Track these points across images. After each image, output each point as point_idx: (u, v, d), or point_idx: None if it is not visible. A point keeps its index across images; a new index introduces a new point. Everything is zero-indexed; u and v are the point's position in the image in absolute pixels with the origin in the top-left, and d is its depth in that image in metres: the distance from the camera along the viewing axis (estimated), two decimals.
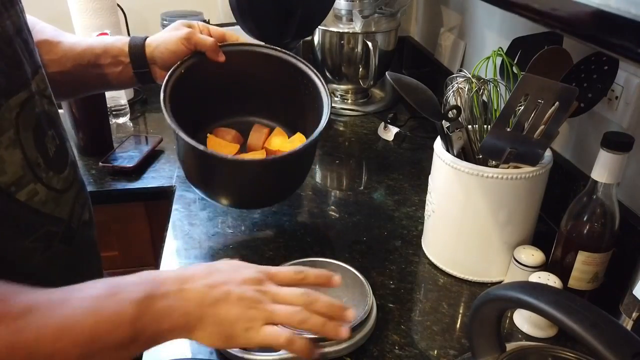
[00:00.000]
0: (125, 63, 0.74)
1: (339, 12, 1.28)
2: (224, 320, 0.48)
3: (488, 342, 0.49)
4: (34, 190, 0.54)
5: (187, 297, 0.48)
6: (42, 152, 0.56)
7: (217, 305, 0.48)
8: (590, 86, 0.68)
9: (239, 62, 0.82)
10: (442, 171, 0.74)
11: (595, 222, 0.65)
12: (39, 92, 0.57)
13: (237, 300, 0.48)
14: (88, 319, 0.42)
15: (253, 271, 0.52)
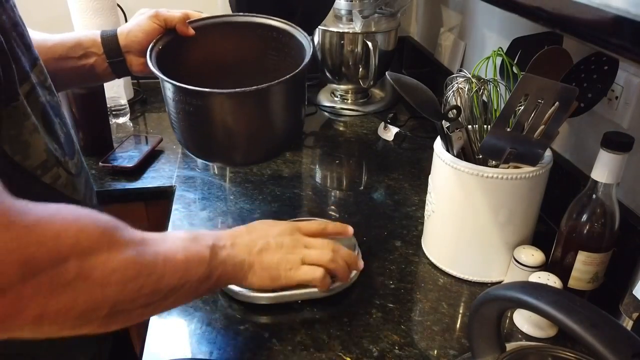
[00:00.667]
0: (99, 54, 0.74)
1: (339, 12, 1.28)
2: (269, 264, 0.61)
3: (488, 342, 0.49)
4: (57, 173, 0.56)
5: (238, 249, 0.60)
6: (55, 138, 0.57)
7: (261, 254, 0.62)
8: (590, 86, 0.68)
9: (213, 37, 0.82)
10: (442, 171, 0.74)
11: (595, 222, 0.65)
12: (39, 83, 0.58)
13: (277, 247, 0.63)
14: (183, 253, 0.51)
15: (285, 225, 0.67)
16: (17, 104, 0.51)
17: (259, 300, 0.71)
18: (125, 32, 0.76)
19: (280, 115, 0.76)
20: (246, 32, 0.82)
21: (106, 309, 0.42)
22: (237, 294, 0.71)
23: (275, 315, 0.70)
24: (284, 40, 0.82)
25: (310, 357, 0.64)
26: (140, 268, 0.46)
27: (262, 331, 0.68)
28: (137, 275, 0.45)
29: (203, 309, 0.71)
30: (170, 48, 0.78)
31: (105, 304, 0.42)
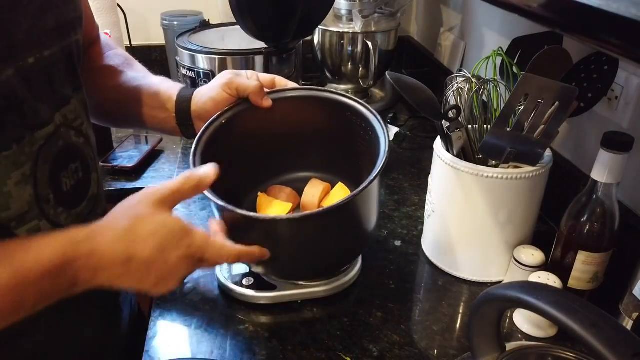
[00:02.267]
0: (171, 112, 0.71)
1: (339, 12, 1.28)
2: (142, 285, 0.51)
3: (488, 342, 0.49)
4: (36, 226, 0.53)
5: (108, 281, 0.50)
6: (55, 187, 0.54)
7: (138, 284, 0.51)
8: (590, 86, 0.68)
9: (290, 109, 0.72)
10: (442, 171, 0.74)
11: (595, 222, 0.65)
12: (65, 123, 0.55)
13: (158, 279, 0.51)
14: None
15: (182, 256, 0.52)
16: (9, 153, 0.48)
17: (259, 300, 0.71)
18: (198, 97, 0.70)
19: (339, 236, 0.65)
20: (331, 110, 0.72)
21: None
22: (237, 294, 0.71)
23: (275, 315, 0.70)
24: (371, 136, 0.69)
25: (310, 357, 0.64)
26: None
27: (262, 331, 0.68)
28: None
29: (203, 309, 0.71)
30: (241, 119, 0.70)
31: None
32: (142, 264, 0.49)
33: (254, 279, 0.73)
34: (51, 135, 0.53)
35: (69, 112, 0.56)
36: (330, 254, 0.67)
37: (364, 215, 0.66)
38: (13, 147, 0.48)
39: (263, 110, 0.70)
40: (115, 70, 0.72)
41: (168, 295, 0.74)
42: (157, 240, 0.50)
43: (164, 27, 1.35)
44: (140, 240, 0.49)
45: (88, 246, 0.48)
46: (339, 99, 0.71)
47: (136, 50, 1.46)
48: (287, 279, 0.72)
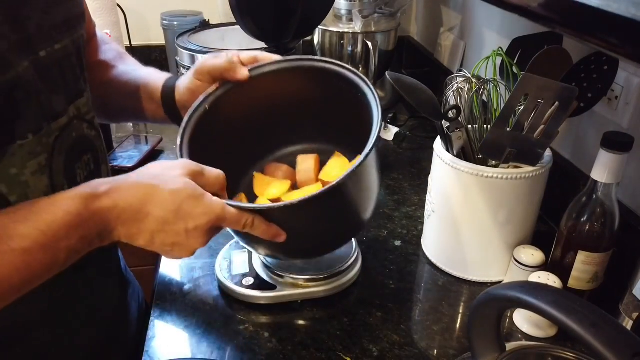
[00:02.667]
0: (159, 103, 0.71)
1: (339, 12, 1.28)
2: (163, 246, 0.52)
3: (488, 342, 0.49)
4: None
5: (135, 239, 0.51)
6: (69, 178, 0.55)
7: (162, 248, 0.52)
8: (590, 86, 0.68)
9: (275, 83, 0.70)
10: (442, 171, 0.74)
11: (595, 222, 0.65)
12: (78, 116, 0.57)
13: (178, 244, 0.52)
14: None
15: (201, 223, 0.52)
16: (24, 143, 0.49)
17: (259, 300, 0.71)
18: (179, 87, 0.69)
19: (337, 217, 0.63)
20: (317, 78, 0.70)
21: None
22: (237, 294, 0.71)
23: (275, 315, 0.70)
24: (345, 88, 0.69)
25: (310, 357, 0.64)
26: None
27: (262, 331, 0.68)
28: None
29: (203, 309, 0.71)
30: (224, 101, 0.68)
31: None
32: (157, 223, 0.50)
33: (254, 279, 0.73)
34: (65, 127, 0.54)
35: (82, 104, 0.58)
36: (335, 229, 0.65)
37: (366, 186, 0.65)
38: (29, 136, 0.49)
39: (247, 88, 0.68)
40: (107, 65, 0.73)
41: (168, 296, 0.74)
42: (177, 203, 0.50)
43: (164, 27, 1.35)
44: (158, 199, 0.50)
45: (109, 199, 0.49)
46: (324, 67, 0.68)
47: (136, 50, 1.46)
48: (293, 257, 0.72)
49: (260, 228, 0.56)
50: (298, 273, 0.72)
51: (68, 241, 0.46)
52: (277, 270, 0.73)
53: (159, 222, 0.50)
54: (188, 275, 0.78)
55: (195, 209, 0.51)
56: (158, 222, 0.50)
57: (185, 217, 0.51)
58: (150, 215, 0.50)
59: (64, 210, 0.46)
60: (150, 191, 0.50)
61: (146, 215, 0.50)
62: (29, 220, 0.45)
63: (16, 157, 0.49)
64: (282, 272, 0.73)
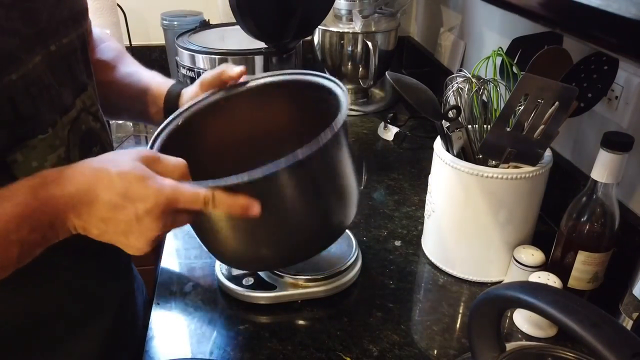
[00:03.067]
0: (160, 107, 0.71)
1: (339, 12, 1.28)
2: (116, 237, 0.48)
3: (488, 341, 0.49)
4: None
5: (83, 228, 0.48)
6: None
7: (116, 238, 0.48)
8: (590, 86, 0.68)
9: (251, 104, 0.67)
10: (442, 171, 0.74)
11: (595, 222, 0.65)
12: (84, 109, 0.58)
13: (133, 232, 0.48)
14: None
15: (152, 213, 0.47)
16: (45, 137, 0.50)
17: (259, 300, 0.71)
18: (185, 96, 0.69)
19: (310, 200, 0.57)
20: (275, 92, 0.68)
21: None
22: (237, 294, 0.71)
23: (275, 315, 0.70)
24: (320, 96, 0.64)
25: (310, 357, 0.64)
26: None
27: (262, 331, 0.68)
28: None
29: (203, 309, 0.71)
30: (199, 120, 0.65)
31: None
32: (106, 208, 0.46)
33: (254, 279, 0.73)
34: (74, 120, 0.55)
35: (86, 98, 0.59)
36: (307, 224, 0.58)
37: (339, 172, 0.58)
38: (49, 130, 0.50)
39: (223, 107, 0.67)
40: (107, 65, 0.73)
41: (168, 295, 0.74)
42: (124, 185, 0.46)
43: (164, 27, 1.35)
44: (106, 181, 0.46)
45: (57, 186, 0.46)
46: (293, 79, 0.66)
47: (136, 50, 1.46)
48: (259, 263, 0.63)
49: (224, 202, 0.48)
50: (298, 273, 0.72)
51: (19, 234, 0.44)
52: (277, 270, 0.73)
53: (108, 206, 0.46)
54: (188, 275, 0.78)
55: (143, 190, 0.46)
56: (107, 207, 0.46)
57: (134, 200, 0.46)
58: (98, 199, 0.46)
59: (12, 202, 0.44)
60: (98, 174, 0.47)
61: (95, 198, 0.46)
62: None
63: (37, 150, 0.49)
64: (282, 272, 0.73)
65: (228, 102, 0.67)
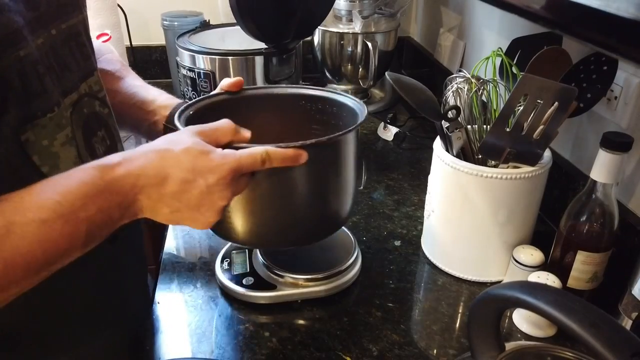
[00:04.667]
0: (163, 115, 0.72)
1: (339, 12, 1.28)
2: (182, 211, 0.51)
3: (487, 341, 0.49)
4: None
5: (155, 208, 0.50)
6: (91, 151, 0.57)
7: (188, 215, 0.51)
8: (589, 86, 0.68)
9: (252, 110, 0.72)
10: (442, 171, 0.74)
11: (594, 222, 0.66)
12: (90, 93, 0.59)
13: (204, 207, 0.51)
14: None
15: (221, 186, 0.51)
16: (53, 115, 0.51)
17: (258, 300, 0.71)
18: None
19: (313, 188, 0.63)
20: (287, 104, 0.73)
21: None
22: (237, 293, 0.72)
23: (275, 315, 0.70)
24: (330, 110, 0.72)
25: (310, 357, 0.64)
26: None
27: (262, 331, 0.68)
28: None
29: (203, 308, 0.71)
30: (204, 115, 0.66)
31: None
32: (177, 184, 0.49)
33: (254, 278, 0.73)
34: (75, 103, 0.56)
35: (93, 83, 0.60)
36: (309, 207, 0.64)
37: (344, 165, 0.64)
38: (55, 109, 0.51)
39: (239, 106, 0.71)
40: (114, 76, 0.74)
41: (168, 295, 0.74)
42: (190, 161, 0.49)
43: (164, 28, 1.35)
44: (173, 159, 0.49)
45: (123, 168, 0.48)
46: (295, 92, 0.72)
47: (136, 51, 1.46)
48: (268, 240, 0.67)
49: (277, 157, 0.54)
50: (298, 273, 0.72)
51: (86, 212, 0.45)
52: (277, 270, 0.73)
53: (179, 182, 0.49)
54: (188, 275, 0.78)
55: (210, 163, 0.50)
56: (178, 183, 0.49)
57: (203, 173, 0.49)
58: (169, 178, 0.49)
59: (78, 181, 0.46)
60: (163, 154, 0.49)
61: (165, 178, 0.49)
62: (44, 192, 0.44)
63: (47, 129, 0.50)
64: (282, 271, 0.73)
65: (244, 101, 0.71)
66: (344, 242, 0.79)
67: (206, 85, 1.09)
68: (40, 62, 0.49)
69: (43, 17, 0.51)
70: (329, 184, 0.64)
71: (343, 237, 0.80)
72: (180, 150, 0.50)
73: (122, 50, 1.34)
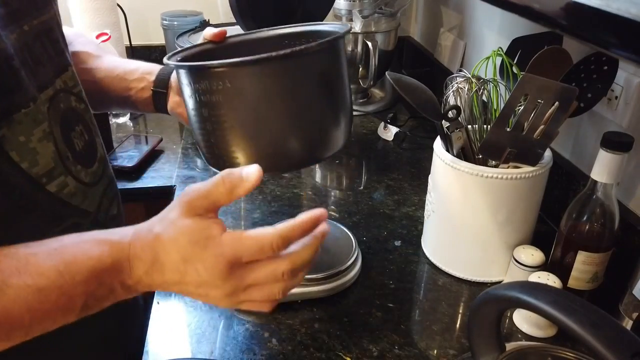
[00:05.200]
0: (149, 80, 0.72)
1: (339, 12, 1.28)
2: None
3: (488, 342, 0.49)
4: (64, 182, 0.55)
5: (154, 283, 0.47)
6: (69, 146, 0.57)
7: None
8: (589, 86, 0.68)
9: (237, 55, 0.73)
10: (442, 171, 0.74)
11: (594, 222, 0.65)
12: (65, 89, 0.59)
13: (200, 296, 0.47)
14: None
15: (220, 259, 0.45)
16: (28, 110, 0.51)
17: None
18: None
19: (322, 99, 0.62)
20: (272, 46, 0.69)
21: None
22: None
23: (275, 315, 0.70)
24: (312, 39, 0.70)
25: (310, 357, 0.64)
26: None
27: (262, 331, 0.68)
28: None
29: (203, 309, 0.71)
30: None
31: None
32: (173, 272, 0.46)
33: None
34: (52, 98, 0.55)
35: (68, 78, 0.60)
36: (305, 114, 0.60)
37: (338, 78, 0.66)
38: (30, 105, 0.51)
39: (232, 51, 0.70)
40: (91, 55, 0.74)
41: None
42: (180, 251, 0.45)
43: (164, 27, 1.35)
44: (164, 249, 0.46)
45: (125, 252, 0.46)
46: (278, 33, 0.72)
47: (136, 50, 1.46)
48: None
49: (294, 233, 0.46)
50: None
51: (86, 286, 0.44)
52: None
53: (174, 271, 0.45)
54: None
55: (202, 251, 0.45)
56: (173, 271, 0.46)
57: (194, 262, 0.45)
58: (165, 265, 0.46)
59: (85, 253, 0.44)
60: (156, 243, 0.46)
61: (161, 265, 0.46)
62: (51, 257, 0.43)
63: (23, 125, 0.50)
64: None
65: (229, 49, 0.71)
66: (344, 242, 0.79)
67: None
68: (15, 58, 0.49)
69: (15, 13, 0.51)
70: (320, 96, 0.62)
71: (343, 238, 0.80)
72: (169, 240, 0.45)
73: (122, 50, 1.34)
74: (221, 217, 0.51)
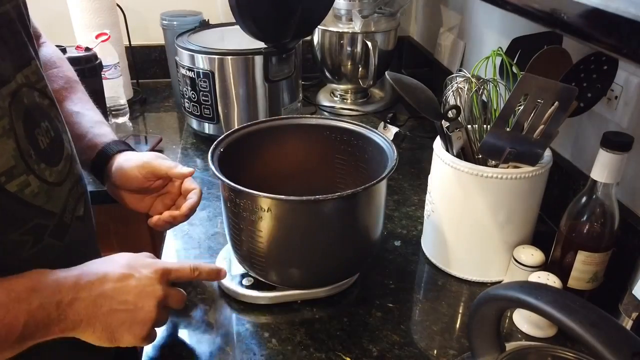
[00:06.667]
0: (90, 159, 0.74)
1: (338, 12, 1.28)
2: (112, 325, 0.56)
3: (488, 341, 0.49)
4: (25, 181, 0.53)
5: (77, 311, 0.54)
6: (33, 143, 0.55)
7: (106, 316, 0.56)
8: (589, 86, 0.68)
9: (275, 141, 0.78)
10: (442, 171, 0.74)
11: (594, 222, 0.65)
12: (28, 84, 0.56)
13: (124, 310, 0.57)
14: None
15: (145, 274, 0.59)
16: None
17: (259, 300, 0.71)
18: (117, 166, 0.73)
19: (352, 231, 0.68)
20: (311, 135, 0.78)
21: None
22: (237, 294, 0.71)
23: (275, 315, 0.70)
24: (355, 142, 0.77)
25: (310, 357, 0.64)
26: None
27: (262, 331, 0.68)
28: None
29: (203, 309, 0.71)
30: (231, 152, 0.72)
31: None
32: (117, 281, 0.56)
33: (254, 279, 0.73)
34: (14, 93, 0.54)
35: (30, 73, 0.57)
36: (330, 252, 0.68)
37: (368, 214, 0.69)
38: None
39: (248, 143, 0.76)
40: (56, 92, 0.72)
41: None
42: (126, 262, 0.59)
43: (163, 27, 1.35)
44: (113, 263, 0.59)
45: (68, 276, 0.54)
46: (320, 123, 0.78)
47: (135, 50, 1.46)
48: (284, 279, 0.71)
49: (204, 269, 0.65)
50: None
51: (28, 304, 0.49)
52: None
53: (117, 278, 0.57)
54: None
55: (143, 261, 0.61)
56: (115, 280, 0.57)
57: (137, 267, 0.59)
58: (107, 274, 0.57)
59: (26, 277, 0.51)
60: (107, 260, 0.60)
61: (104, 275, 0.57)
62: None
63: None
64: None
65: (269, 132, 0.78)
66: None
67: (205, 85, 1.09)
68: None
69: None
70: (353, 228, 0.68)
71: None
72: (119, 257, 0.60)
73: (121, 50, 1.34)
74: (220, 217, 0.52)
